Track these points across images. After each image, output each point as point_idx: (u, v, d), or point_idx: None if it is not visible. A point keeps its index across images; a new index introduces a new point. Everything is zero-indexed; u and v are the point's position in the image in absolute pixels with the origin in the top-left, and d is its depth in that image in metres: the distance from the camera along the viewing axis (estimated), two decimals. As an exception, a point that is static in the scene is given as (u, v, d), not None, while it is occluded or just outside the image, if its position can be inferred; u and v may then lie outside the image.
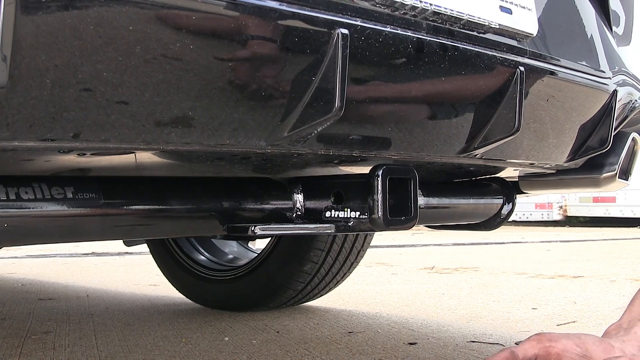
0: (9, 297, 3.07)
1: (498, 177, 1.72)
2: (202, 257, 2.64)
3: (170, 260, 2.68)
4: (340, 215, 1.24)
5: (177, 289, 2.74)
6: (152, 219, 1.19)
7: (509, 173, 1.67)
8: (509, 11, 1.15)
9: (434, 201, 1.56)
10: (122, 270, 4.34)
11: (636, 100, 1.60)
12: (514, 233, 9.57)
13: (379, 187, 1.15)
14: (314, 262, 2.31)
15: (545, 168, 1.54)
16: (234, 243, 2.71)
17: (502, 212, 1.70)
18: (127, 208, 1.14)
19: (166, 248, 2.68)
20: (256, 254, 2.55)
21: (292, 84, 0.89)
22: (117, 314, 2.56)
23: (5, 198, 0.98)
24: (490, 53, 1.13)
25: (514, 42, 1.19)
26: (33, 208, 1.01)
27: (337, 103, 0.90)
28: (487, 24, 1.11)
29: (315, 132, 0.95)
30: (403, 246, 6.57)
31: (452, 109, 1.16)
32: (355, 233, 2.31)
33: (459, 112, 1.17)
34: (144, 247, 2.97)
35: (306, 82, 0.89)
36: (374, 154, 1.10)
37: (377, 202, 1.15)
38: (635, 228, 11.18)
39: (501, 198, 1.70)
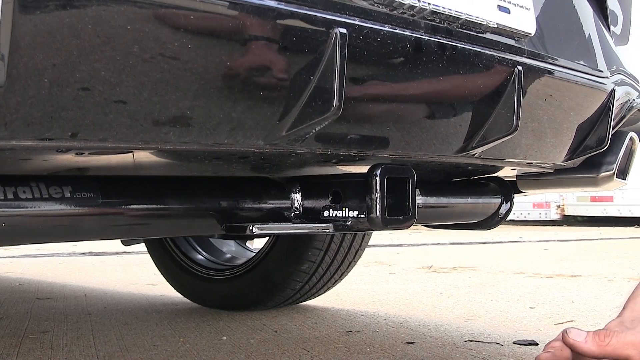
0: (7, 297, 3.07)
1: (496, 176, 1.72)
2: (200, 257, 2.64)
3: (168, 259, 2.68)
4: (338, 215, 1.24)
5: (175, 289, 2.74)
6: (150, 219, 1.19)
7: (507, 172, 1.67)
8: (507, 10, 1.15)
9: (432, 200, 1.56)
10: (120, 269, 4.34)
11: (634, 100, 1.60)
12: (511, 232, 9.58)
13: (377, 187, 1.15)
14: (312, 262, 2.31)
15: (543, 167, 1.55)
16: (232, 242, 2.71)
17: (500, 211, 1.70)
18: (125, 207, 1.14)
19: (164, 247, 2.68)
20: (254, 254, 2.55)
21: (290, 83, 0.89)
22: (115, 313, 2.56)
23: (3, 197, 0.98)
24: (488, 52, 1.13)
25: (512, 42, 1.19)
26: (31, 207, 1.01)
27: (335, 102, 0.90)
28: (485, 23, 1.11)
29: (314, 131, 0.95)
30: (401, 245, 6.58)
31: (450, 108, 1.16)
32: (354, 232, 2.31)
33: (457, 112, 1.17)
34: (141, 247, 2.97)
35: (304, 81, 0.89)
36: (372, 153, 1.10)
37: (375, 201, 1.15)
38: (633, 227, 11.19)
39: (499, 197, 1.70)
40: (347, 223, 1.22)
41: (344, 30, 0.90)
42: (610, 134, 1.48)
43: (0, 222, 0.98)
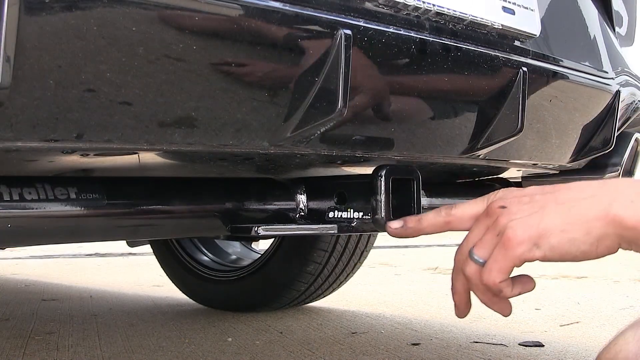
0: (13, 298, 3.08)
1: (501, 177, 1.72)
2: (205, 258, 2.64)
3: (173, 261, 2.68)
4: (343, 216, 1.24)
5: (180, 290, 2.74)
6: (155, 220, 1.19)
7: (512, 173, 1.67)
8: (512, 12, 1.15)
9: (437, 201, 1.56)
10: (126, 270, 4.34)
11: (639, 101, 1.60)
12: (517, 234, 9.54)
13: (382, 188, 1.15)
14: (317, 263, 2.31)
15: (548, 169, 1.54)
16: (237, 244, 2.71)
17: (505, 212, 1.69)
18: (130, 209, 1.14)
19: (169, 249, 2.68)
20: (259, 255, 2.56)
21: (295, 84, 0.89)
22: (121, 314, 2.56)
23: (8, 199, 0.98)
24: (493, 54, 1.13)
25: (516, 43, 1.19)
26: (36, 208, 1.01)
27: (339, 103, 0.90)
28: (489, 24, 1.11)
29: (318, 132, 0.95)
30: (406, 246, 6.57)
31: (455, 109, 1.16)
32: (359, 233, 2.31)
33: (462, 113, 1.17)
34: (147, 248, 2.97)
35: (309, 82, 0.90)
36: (377, 154, 1.10)
37: (380, 202, 1.15)
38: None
39: (504, 198, 1.69)
40: (352, 224, 1.22)
41: (348, 32, 0.90)
42: (616, 135, 1.48)
43: (6, 223, 0.99)
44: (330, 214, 1.26)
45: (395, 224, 1.03)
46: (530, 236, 0.83)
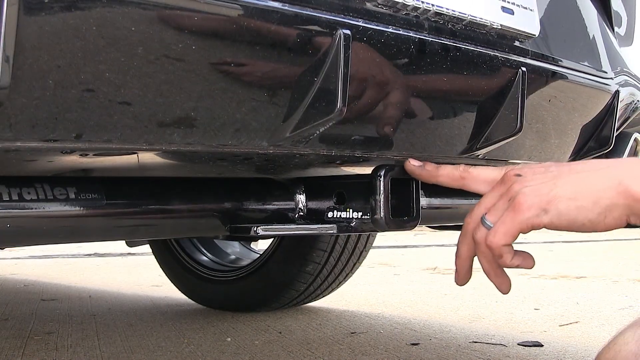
0: (12, 298, 3.08)
1: (500, 177, 1.71)
2: (205, 258, 2.64)
3: (172, 260, 2.68)
4: (342, 216, 1.24)
5: (179, 290, 2.74)
6: (155, 220, 1.19)
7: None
8: (511, 12, 1.15)
9: (436, 202, 1.56)
10: (125, 270, 4.34)
11: (638, 101, 1.60)
12: (516, 234, 9.54)
13: (381, 188, 1.15)
14: (316, 263, 2.31)
15: (547, 168, 1.54)
16: (236, 244, 2.72)
17: (505, 212, 1.69)
18: (129, 209, 1.14)
19: (168, 249, 2.68)
20: (258, 255, 2.56)
21: (294, 84, 0.89)
22: (120, 314, 2.56)
23: (8, 199, 0.98)
24: (492, 54, 1.13)
25: (516, 43, 1.19)
26: (36, 208, 1.01)
27: (339, 103, 0.90)
28: (489, 24, 1.11)
29: (318, 132, 0.95)
30: (405, 247, 6.57)
31: (454, 109, 1.16)
32: (358, 233, 2.31)
33: (461, 113, 1.17)
34: (146, 248, 2.97)
35: (308, 82, 0.90)
36: (376, 154, 1.10)
37: (380, 202, 1.15)
38: (639, 229, 11.16)
39: (503, 198, 1.69)
40: (351, 224, 1.22)
41: (347, 32, 0.90)
42: (615, 134, 1.48)
43: (5, 223, 0.99)
44: (330, 214, 1.26)
45: (415, 162, 1.08)
46: (540, 201, 0.87)
